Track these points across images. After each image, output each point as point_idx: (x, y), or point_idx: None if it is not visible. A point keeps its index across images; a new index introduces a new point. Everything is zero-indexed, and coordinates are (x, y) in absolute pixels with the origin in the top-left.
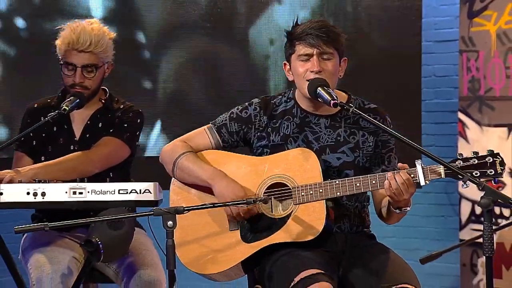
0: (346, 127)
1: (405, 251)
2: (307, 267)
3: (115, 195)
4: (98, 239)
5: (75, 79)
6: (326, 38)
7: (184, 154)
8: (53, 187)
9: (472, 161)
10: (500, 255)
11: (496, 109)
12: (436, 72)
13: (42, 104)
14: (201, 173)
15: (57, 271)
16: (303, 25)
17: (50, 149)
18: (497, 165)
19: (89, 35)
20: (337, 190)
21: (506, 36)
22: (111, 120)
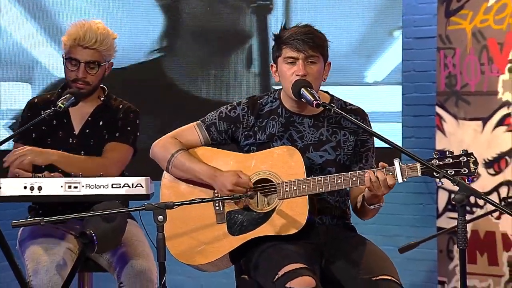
0: (328, 127)
1: (385, 237)
2: (291, 261)
3: (108, 189)
4: (92, 231)
5: (78, 74)
6: (312, 43)
7: (178, 152)
8: (49, 182)
9: (447, 160)
10: (474, 242)
11: (472, 104)
12: (415, 67)
13: (42, 99)
14: (197, 171)
15: (53, 262)
16: (290, 30)
17: (49, 141)
18: (471, 164)
19: (95, 33)
20: (319, 186)
21: (481, 34)
22: (111, 119)
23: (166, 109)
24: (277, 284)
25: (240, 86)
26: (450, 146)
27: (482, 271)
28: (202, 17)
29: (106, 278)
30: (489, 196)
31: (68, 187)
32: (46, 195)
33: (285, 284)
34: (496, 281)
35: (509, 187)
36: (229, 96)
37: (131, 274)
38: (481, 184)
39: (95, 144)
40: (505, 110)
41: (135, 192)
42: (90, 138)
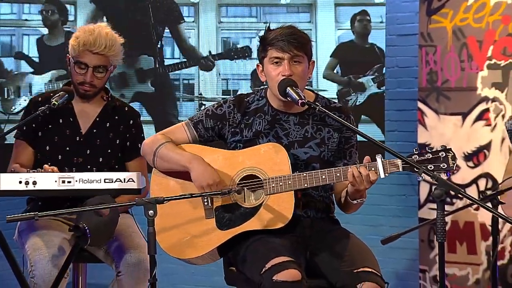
0: (313, 124)
1: (370, 226)
2: (277, 255)
3: (101, 183)
4: (85, 225)
5: (86, 78)
6: (296, 43)
7: (163, 144)
8: (43, 177)
9: (427, 155)
10: (454, 232)
11: (452, 99)
12: (398, 63)
13: (44, 98)
14: (179, 158)
15: (51, 253)
16: (275, 31)
17: (56, 139)
18: (449, 159)
19: (104, 39)
20: (305, 182)
21: (461, 32)
22: (118, 121)
23: None
24: (264, 276)
25: None
26: (432, 139)
27: (461, 259)
28: None
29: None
30: (469, 188)
31: (62, 182)
32: (41, 190)
33: (272, 277)
34: (475, 269)
35: (488, 179)
36: None
37: (129, 263)
38: (461, 177)
39: (101, 143)
40: (484, 105)
41: (127, 186)
42: (97, 138)
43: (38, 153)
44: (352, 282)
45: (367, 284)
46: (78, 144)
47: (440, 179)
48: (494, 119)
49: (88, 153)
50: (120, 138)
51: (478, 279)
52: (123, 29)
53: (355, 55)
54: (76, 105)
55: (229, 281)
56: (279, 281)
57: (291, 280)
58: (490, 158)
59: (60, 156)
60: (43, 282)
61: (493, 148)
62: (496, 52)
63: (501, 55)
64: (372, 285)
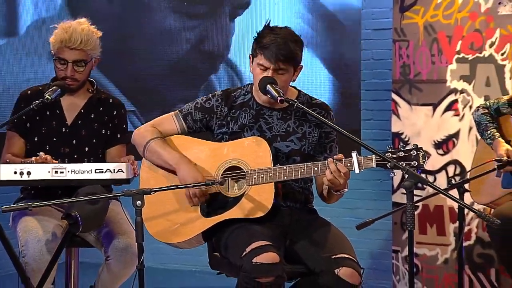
0: (295, 119)
1: (347, 209)
2: (257, 239)
3: (92, 174)
4: (77, 213)
5: (67, 73)
6: (283, 58)
7: (153, 139)
8: (37, 167)
9: (399, 153)
10: (425, 215)
11: (423, 91)
12: (373, 56)
13: (34, 91)
14: (168, 157)
15: (44, 234)
16: (270, 37)
17: (43, 130)
18: (420, 157)
19: (79, 34)
20: (285, 174)
21: (431, 28)
22: (103, 113)
23: None
24: (245, 259)
25: None
26: (404, 129)
27: (431, 241)
28: None
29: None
30: (438, 174)
31: (55, 172)
32: (35, 180)
33: (252, 260)
34: (444, 249)
35: (456, 166)
36: None
37: (117, 248)
38: (431, 163)
39: (86, 134)
40: (453, 96)
41: (117, 177)
42: (82, 129)
43: (28, 143)
44: (330, 267)
45: (344, 269)
46: (64, 135)
47: (410, 171)
48: (462, 110)
49: (74, 143)
50: (105, 128)
51: (446, 259)
52: None
53: None
54: (63, 98)
55: (213, 265)
56: (258, 263)
57: (269, 262)
58: (459, 146)
59: (47, 146)
60: (34, 261)
61: (461, 136)
62: (464, 46)
63: (468, 49)
64: (349, 270)
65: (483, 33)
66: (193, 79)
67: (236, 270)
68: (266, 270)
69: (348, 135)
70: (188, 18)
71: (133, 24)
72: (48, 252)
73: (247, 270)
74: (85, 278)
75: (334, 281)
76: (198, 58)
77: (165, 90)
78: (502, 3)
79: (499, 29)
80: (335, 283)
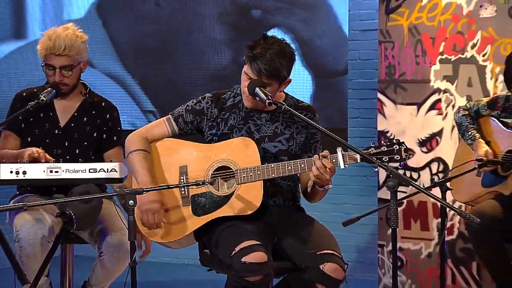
0: (283, 121)
1: (334, 205)
2: (246, 239)
3: (86, 173)
4: (71, 212)
5: (55, 78)
6: (268, 73)
7: (135, 151)
8: (33, 167)
9: (382, 148)
10: (409, 211)
11: (408, 91)
12: (360, 56)
13: (29, 92)
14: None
15: (39, 223)
16: (261, 50)
17: (37, 132)
18: (402, 152)
19: (63, 40)
20: (272, 172)
21: (416, 30)
22: (95, 116)
23: None
24: (234, 258)
25: None
26: (390, 127)
27: (415, 235)
28: None
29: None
30: (422, 171)
31: (50, 172)
32: (30, 179)
33: (241, 259)
34: (427, 244)
35: (439, 163)
36: None
37: (110, 245)
38: (416, 161)
39: (78, 137)
40: (436, 96)
41: (110, 176)
42: (74, 132)
43: (22, 143)
44: (316, 263)
45: (329, 265)
46: (57, 137)
47: (394, 172)
48: (445, 109)
49: (66, 145)
50: (97, 131)
51: (430, 253)
52: None
53: None
54: (56, 100)
55: (204, 262)
56: (247, 262)
57: (258, 261)
58: (442, 144)
59: (40, 147)
60: (28, 244)
61: (444, 135)
62: (447, 48)
63: (451, 50)
64: (334, 265)
65: (465, 35)
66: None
67: (226, 268)
68: (254, 269)
69: (333, 136)
70: (234, 29)
71: (178, 29)
72: (42, 238)
73: (236, 269)
74: (79, 273)
75: (319, 276)
76: (236, 69)
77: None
78: (483, 6)
79: (480, 31)
80: (320, 278)
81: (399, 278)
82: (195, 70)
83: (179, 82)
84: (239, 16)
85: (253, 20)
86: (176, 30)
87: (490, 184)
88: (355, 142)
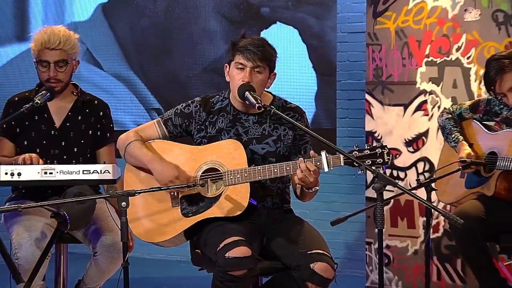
0: (270, 123)
1: (323, 202)
2: (230, 235)
3: (80, 174)
4: (65, 212)
5: (50, 74)
6: (260, 55)
7: (132, 142)
8: (27, 168)
9: (365, 151)
10: (396, 209)
11: (395, 92)
12: (349, 57)
13: (21, 97)
14: (142, 157)
15: (34, 237)
16: (246, 40)
17: (33, 134)
18: (385, 155)
19: (57, 35)
20: (259, 174)
21: (402, 33)
22: (89, 114)
23: None
24: (218, 254)
25: None
26: (377, 127)
27: (402, 233)
28: None
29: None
30: (409, 170)
31: (44, 173)
32: (25, 180)
33: (225, 254)
34: (413, 241)
35: (425, 163)
36: None
37: (104, 245)
38: (402, 160)
39: (74, 135)
40: (422, 97)
41: (103, 177)
42: (70, 131)
43: (18, 147)
44: (306, 262)
45: (319, 264)
46: (54, 138)
47: (380, 174)
48: (431, 110)
49: (63, 144)
50: (92, 129)
51: (416, 250)
52: None
53: None
54: (50, 102)
55: (195, 262)
56: (230, 257)
57: (241, 256)
58: (428, 144)
59: (38, 149)
60: (26, 263)
61: (430, 135)
62: (433, 50)
63: (437, 53)
64: (324, 264)
65: (450, 38)
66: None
67: (213, 265)
68: (238, 263)
69: (319, 137)
70: (230, 23)
71: (175, 21)
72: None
73: (220, 264)
74: (72, 269)
75: (310, 275)
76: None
77: (195, 89)
78: (468, 10)
79: (465, 35)
80: (310, 276)
81: (386, 275)
82: (190, 62)
83: (174, 73)
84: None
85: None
86: (175, 24)
87: (473, 185)
88: (343, 141)
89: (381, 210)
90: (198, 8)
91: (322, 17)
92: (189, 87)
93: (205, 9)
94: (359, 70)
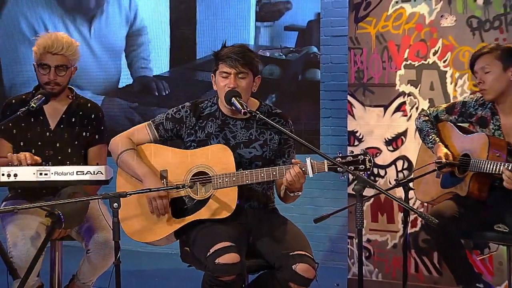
0: (257, 128)
1: (307, 198)
2: (220, 240)
3: (73, 175)
4: (60, 212)
5: (50, 77)
6: (242, 61)
7: (126, 151)
8: (23, 169)
9: (348, 158)
10: (377, 205)
11: (376, 93)
12: (332, 60)
13: (19, 99)
14: (136, 170)
15: (29, 236)
16: (228, 49)
17: (29, 136)
18: (367, 162)
19: (61, 41)
20: (246, 178)
21: (382, 37)
22: (83, 116)
23: None
24: (209, 259)
25: None
26: (359, 127)
27: (382, 228)
28: None
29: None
30: (388, 168)
31: (39, 174)
32: (21, 181)
33: (215, 260)
34: (393, 235)
35: (404, 161)
36: None
37: (97, 242)
38: (382, 159)
39: (69, 137)
40: (401, 99)
41: (96, 178)
42: (65, 133)
43: (14, 148)
44: (288, 262)
45: (300, 265)
46: (48, 139)
47: (359, 176)
48: (410, 111)
49: (57, 146)
50: (85, 131)
51: (395, 244)
52: None
53: None
54: (45, 104)
55: (184, 259)
56: (221, 263)
57: (231, 262)
58: (406, 143)
59: (33, 150)
60: (21, 261)
61: (408, 134)
62: (411, 54)
63: (415, 57)
64: (305, 265)
65: (428, 42)
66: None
67: (202, 267)
68: (227, 270)
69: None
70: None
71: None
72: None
73: (211, 270)
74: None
75: (292, 276)
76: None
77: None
78: (444, 16)
79: (441, 39)
80: (292, 277)
81: (367, 267)
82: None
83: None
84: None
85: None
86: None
87: (448, 185)
88: (327, 140)
89: (360, 211)
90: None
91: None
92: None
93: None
94: (342, 72)
